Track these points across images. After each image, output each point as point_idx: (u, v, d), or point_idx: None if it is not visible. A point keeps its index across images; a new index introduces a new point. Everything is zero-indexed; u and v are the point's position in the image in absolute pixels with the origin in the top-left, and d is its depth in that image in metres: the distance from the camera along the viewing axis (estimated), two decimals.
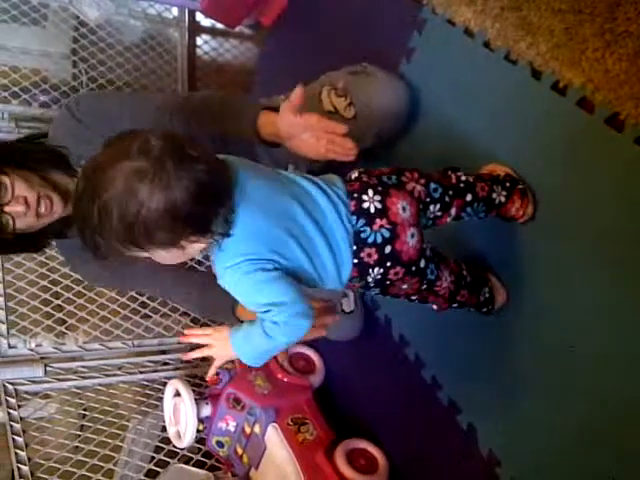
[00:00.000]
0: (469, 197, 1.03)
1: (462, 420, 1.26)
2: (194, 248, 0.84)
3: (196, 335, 0.99)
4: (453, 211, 1.03)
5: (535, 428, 1.11)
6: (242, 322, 0.97)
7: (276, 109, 1.09)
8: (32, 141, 1.29)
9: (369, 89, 1.29)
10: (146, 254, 0.83)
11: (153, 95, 1.73)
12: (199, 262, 1.68)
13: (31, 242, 1.25)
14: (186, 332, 1.01)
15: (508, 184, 1.07)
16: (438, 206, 1.01)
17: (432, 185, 1.00)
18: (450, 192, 1.01)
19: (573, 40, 1.02)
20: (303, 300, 0.89)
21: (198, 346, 0.99)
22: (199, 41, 2.35)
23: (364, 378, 1.59)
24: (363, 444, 1.43)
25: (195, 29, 2.33)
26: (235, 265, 0.85)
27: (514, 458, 1.15)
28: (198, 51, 2.34)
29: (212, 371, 1.02)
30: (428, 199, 0.99)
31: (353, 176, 0.98)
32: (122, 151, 0.78)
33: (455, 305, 1.09)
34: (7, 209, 1.12)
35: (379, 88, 1.29)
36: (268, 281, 0.86)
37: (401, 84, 1.32)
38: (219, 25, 2.17)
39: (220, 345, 0.95)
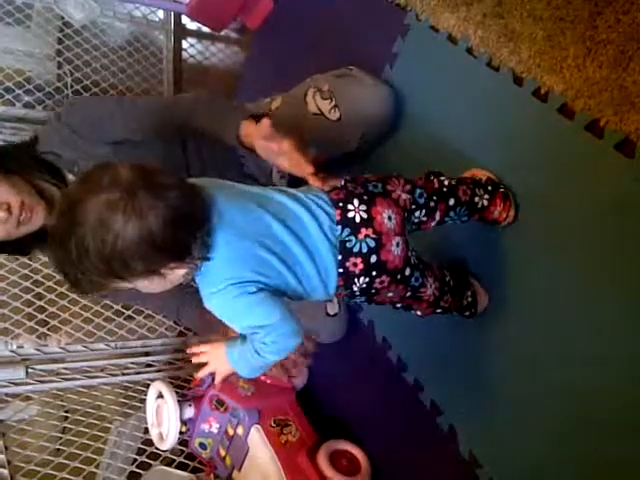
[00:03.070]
0: (452, 201, 1.04)
1: (443, 422, 1.27)
2: (175, 274, 0.84)
3: (197, 355, 1.00)
4: (437, 215, 1.04)
5: (516, 430, 1.12)
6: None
7: (260, 117, 1.10)
8: (21, 146, 1.28)
9: (354, 92, 1.30)
10: (129, 285, 0.83)
11: (143, 99, 1.73)
12: None
13: (13, 247, 1.23)
14: (188, 351, 1.02)
15: (490, 188, 1.09)
16: (423, 212, 1.02)
17: (418, 191, 1.01)
18: (434, 197, 1.03)
19: (554, 47, 1.04)
20: (290, 319, 0.90)
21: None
22: (185, 44, 2.35)
23: (347, 380, 1.59)
24: (345, 445, 1.43)
25: (181, 32, 2.33)
26: (219, 291, 0.86)
27: (495, 460, 1.16)
28: (184, 54, 2.33)
29: (217, 383, 1.02)
30: (414, 206, 1.00)
31: (338, 184, 0.98)
32: (93, 185, 0.77)
33: (439, 310, 1.10)
34: None
35: (364, 92, 1.30)
36: (254, 304, 0.87)
37: (386, 88, 1.33)
38: (205, 28, 2.18)
39: (219, 362, 0.97)
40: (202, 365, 0.99)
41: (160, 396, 1.44)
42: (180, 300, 1.35)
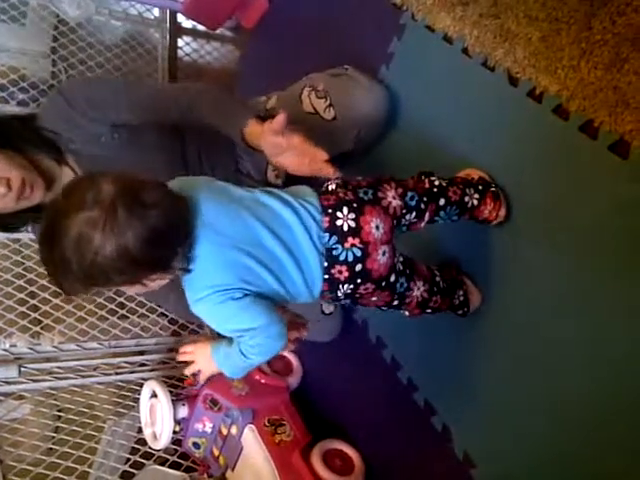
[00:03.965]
0: (442, 201, 1.05)
1: (437, 421, 1.27)
2: (156, 283, 0.87)
3: (183, 354, 1.04)
4: (427, 216, 1.04)
5: (510, 430, 1.12)
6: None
7: (265, 119, 1.10)
8: (22, 122, 1.28)
9: (349, 92, 1.30)
10: (109, 290, 0.85)
11: (148, 82, 1.72)
12: None
13: (6, 221, 1.24)
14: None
15: (481, 187, 1.09)
16: (414, 214, 1.02)
17: (409, 194, 1.01)
18: (425, 198, 1.03)
19: (549, 48, 1.04)
20: (275, 321, 0.91)
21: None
22: (180, 42, 2.35)
23: (341, 380, 1.59)
24: (339, 445, 1.43)
25: (176, 30, 2.33)
26: (205, 297, 0.88)
27: (489, 460, 1.16)
28: (179, 52, 2.33)
29: (201, 381, 1.07)
30: (404, 210, 1.00)
31: (330, 187, 0.98)
32: (77, 200, 0.80)
33: (428, 311, 1.11)
34: None
35: (359, 91, 1.30)
36: (239, 310, 0.88)
37: (381, 88, 1.33)
38: (200, 27, 2.17)
39: (204, 361, 1.00)
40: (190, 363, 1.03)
41: (154, 395, 1.43)
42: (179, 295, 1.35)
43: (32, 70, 2.05)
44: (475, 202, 1.08)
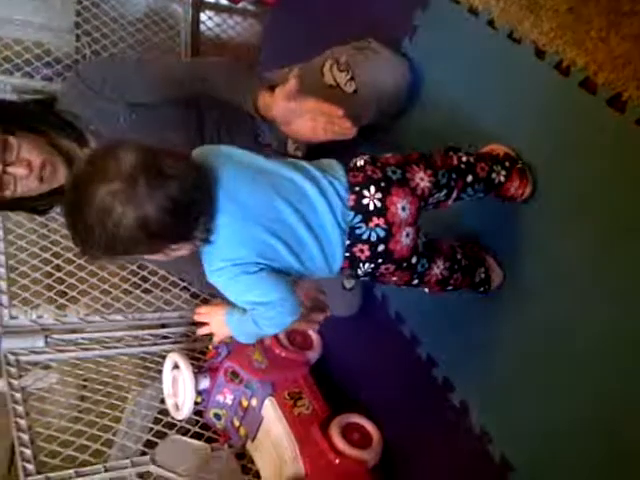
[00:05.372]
0: (470, 178, 1.03)
1: (455, 397, 1.27)
2: (177, 253, 0.88)
3: (198, 315, 1.05)
4: (455, 193, 1.03)
5: (528, 405, 1.12)
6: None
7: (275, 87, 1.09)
8: (43, 105, 1.29)
9: (372, 65, 1.28)
10: (131, 258, 0.86)
11: (164, 59, 1.73)
12: None
13: (32, 204, 1.26)
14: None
15: (507, 163, 1.07)
16: (444, 192, 1.01)
17: (440, 173, 0.99)
18: (453, 175, 1.01)
19: (577, 20, 1.02)
20: (290, 296, 0.91)
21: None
22: (203, 17, 2.33)
23: (360, 355, 1.61)
24: (358, 419, 1.45)
25: (199, 4, 2.31)
26: (221, 269, 0.88)
27: (506, 435, 1.17)
28: (202, 27, 2.32)
29: (214, 342, 1.10)
30: (434, 190, 0.99)
31: (358, 164, 0.97)
32: (99, 171, 0.80)
33: (449, 288, 1.10)
34: (10, 170, 1.13)
35: (382, 65, 1.28)
36: (254, 283, 0.89)
37: (403, 62, 1.31)
38: (223, 1, 2.16)
39: (217, 324, 1.01)
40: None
41: (176, 367, 1.46)
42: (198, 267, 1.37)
43: (56, 45, 2.06)
44: (502, 179, 1.06)
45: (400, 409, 1.45)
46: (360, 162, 0.97)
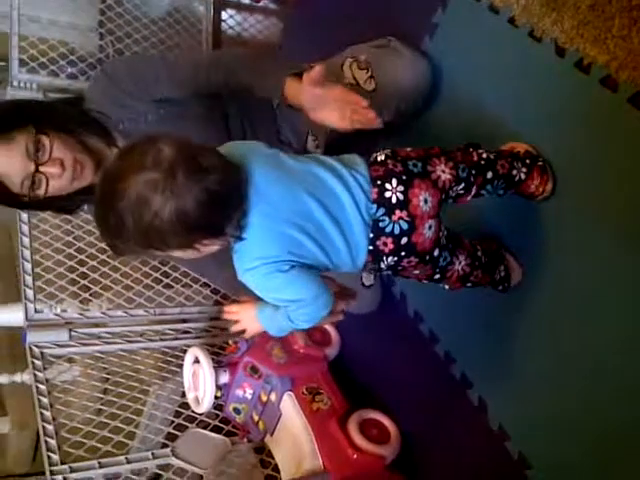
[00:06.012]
0: (489, 175, 1.03)
1: (473, 394, 1.28)
2: (209, 248, 0.88)
3: (228, 313, 1.06)
4: (474, 189, 1.03)
5: (546, 403, 1.12)
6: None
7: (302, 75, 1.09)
8: (72, 104, 1.31)
9: (392, 64, 1.29)
10: (163, 253, 0.87)
11: (186, 54, 1.74)
12: None
13: (63, 204, 1.28)
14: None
15: (528, 161, 1.07)
16: (462, 185, 1.01)
17: (460, 166, 1.00)
18: (473, 171, 1.02)
19: (599, 17, 1.01)
20: (322, 293, 0.92)
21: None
22: (224, 15, 2.34)
23: (379, 352, 1.61)
24: (376, 415, 1.46)
25: (220, 3, 2.33)
26: (253, 269, 0.89)
27: (524, 433, 1.17)
28: (223, 25, 2.33)
29: (246, 337, 1.09)
30: (454, 183, 0.99)
31: (379, 158, 0.97)
32: (136, 162, 0.80)
33: (469, 285, 1.10)
34: (42, 169, 1.16)
35: (402, 63, 1.29)
36: (287, 282, 0.89)
37: (424, 61, 1.32)
38: None
39: (249, 320, 1.02)
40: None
41: (197, 361, 1.48)
42: (220, 266, 1.38)
43: (80, 43, 2.09)
44: (522, 176, 1.06)
45: (418, 406, 1.46)
46: (381, 156, 0.97)
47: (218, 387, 1.48)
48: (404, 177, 0.93)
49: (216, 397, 1.47)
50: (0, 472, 2.13)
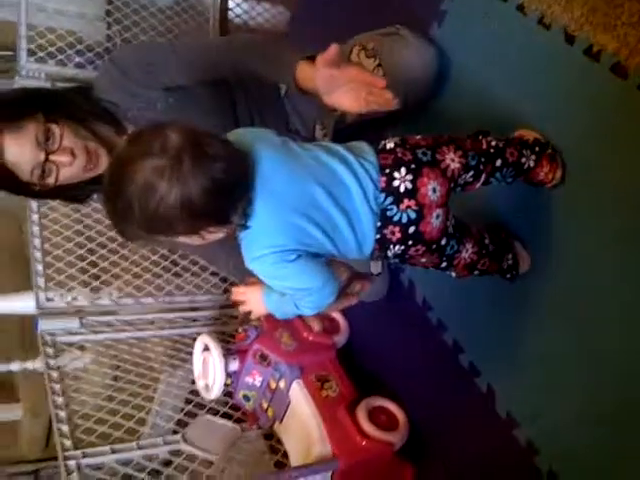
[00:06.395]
0: (499, 162, 1.03)
1: (481, 382, 1.28)
2: (214, 235, 0.88)
3: (236, 294, 1.08)
4: (483, 177, 1.03)
5: (554, 391, 1.13)
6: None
7: (315, 58, 1.07)
8: (81, 93, 1.31)
9: (399, 52, 1.28)
10: (169, 239, 0.87)
11: (196, 41, 1.74)
12: None
13: (74, 193, 1.28)
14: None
15: (537, 148, 1.07)
16: (471, 173, 1.01)
17: (470, 154, 1.00)
18: (482, 159, 1.01)
19: (608, 4, 1.01)
20: (329, 281, 0.93)
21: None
22: (231, 4, 2.34)
23: (387, 340, 1.62)
24: (384, 402, 1.46)
25: None
26: (261, 257, 0.89)
27: (532, 420, 1.18)
28: (230, 14, 2.32)
29: (252, 318, 1.12)
30: (462, 172, 0.99)
31: (388, 146, 0.97)
32: (144, 148, 0.81)
33: (476, 273, 1.10)
34: (53, 158, 1.16)
35: (409, 52, 1.28)
36: (295, 270, 0.90)
37: (432, 49, 1.31)
38: None
39: (255, 302, 1.03)
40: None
41: (206, 349, 1.49)
42: (228, 253, 1.38)
43: (88, 33, 2.09)
44: (532, 164, 1.06)
45: (426, 393, 1.47)
46: (390, 144, 0.97)
47: (228, 374, 1.48)
48: (413, 166, 0.93)
49: (226, 384, 1.48)
50: (14, 458, 2.15)
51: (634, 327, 0.98)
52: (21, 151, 1.15)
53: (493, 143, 1.04)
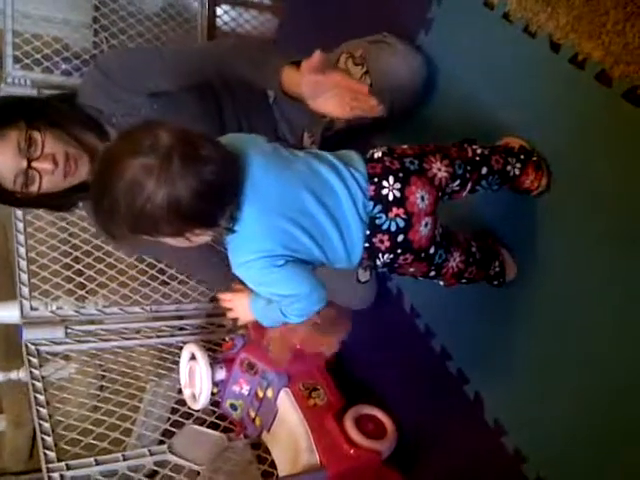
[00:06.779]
0: (484, 170, 1.04)
1: (469, 390, 1.28)
2: (200, 238, 0.87)
3: (222, 301, 1.08)
4: (469, 185, 1.03)
5: (541, 398, 1.13)
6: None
7: (300, 62, 1.08)
8: (64, 100, 1.31)
9: (387, 59, 1.29)
10: (154, 240, 0.86)
11: (182, 46, 1.74)
12: None
13: (58, 201, 1.27)
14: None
15: (522, 156, 1.07)
16: (458, 182, 1.01)
17: (456, 163, 1.00)
18: (468, 167, 1.02)
19: (593, 12, 1.01)
20: (316, 288, 0.92)
21: None
22: (219, 11, 2.33)
23: (375, 347, 1.62)
24: (372, 410, 1.46)
25: None
26: (248, 262, 0.88)
27: (520, 428, 1.17)
28: (218, 21, 2.32)
29: (238, 325, 1.13)
30: (450, 181, 0.99)
31: (376, 155, 0.97)
32: (133, 146, 0.80)
33: (464, 281, 1.11)
34: (35, 165, 1.15)
35: (397, 59, 1.29)
36: (281, 276, 0.89)
37: (419, 57, 1.31)
38: None
39: (242, 310, 1.03)
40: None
41: (193, 358, 1.48)
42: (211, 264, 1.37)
43: (75, 40, 2.08)
44: (517, 172, 1.07)
45: (414, 401, 1.46)
46: (378, 154, 0.97)
47: (214, 383, 1.48)
48: (401, 174, 0.93)
49: (212, 393, 1.48)
50: None
51: (622, 331, 0.98)
52: (3, 159, 1.14)
53: (479, 151, 1.04)
